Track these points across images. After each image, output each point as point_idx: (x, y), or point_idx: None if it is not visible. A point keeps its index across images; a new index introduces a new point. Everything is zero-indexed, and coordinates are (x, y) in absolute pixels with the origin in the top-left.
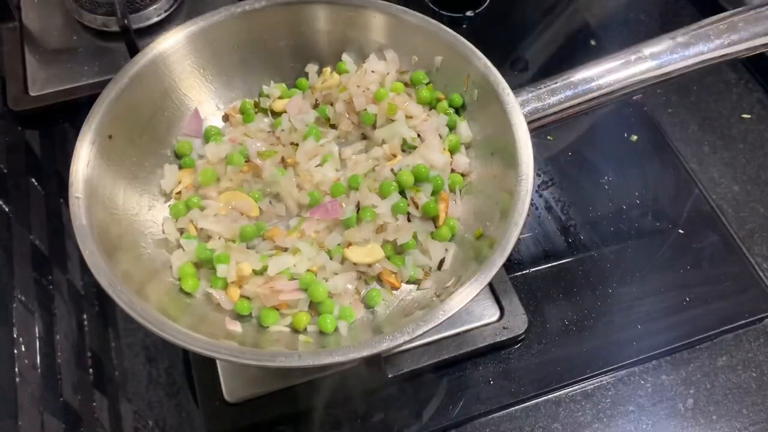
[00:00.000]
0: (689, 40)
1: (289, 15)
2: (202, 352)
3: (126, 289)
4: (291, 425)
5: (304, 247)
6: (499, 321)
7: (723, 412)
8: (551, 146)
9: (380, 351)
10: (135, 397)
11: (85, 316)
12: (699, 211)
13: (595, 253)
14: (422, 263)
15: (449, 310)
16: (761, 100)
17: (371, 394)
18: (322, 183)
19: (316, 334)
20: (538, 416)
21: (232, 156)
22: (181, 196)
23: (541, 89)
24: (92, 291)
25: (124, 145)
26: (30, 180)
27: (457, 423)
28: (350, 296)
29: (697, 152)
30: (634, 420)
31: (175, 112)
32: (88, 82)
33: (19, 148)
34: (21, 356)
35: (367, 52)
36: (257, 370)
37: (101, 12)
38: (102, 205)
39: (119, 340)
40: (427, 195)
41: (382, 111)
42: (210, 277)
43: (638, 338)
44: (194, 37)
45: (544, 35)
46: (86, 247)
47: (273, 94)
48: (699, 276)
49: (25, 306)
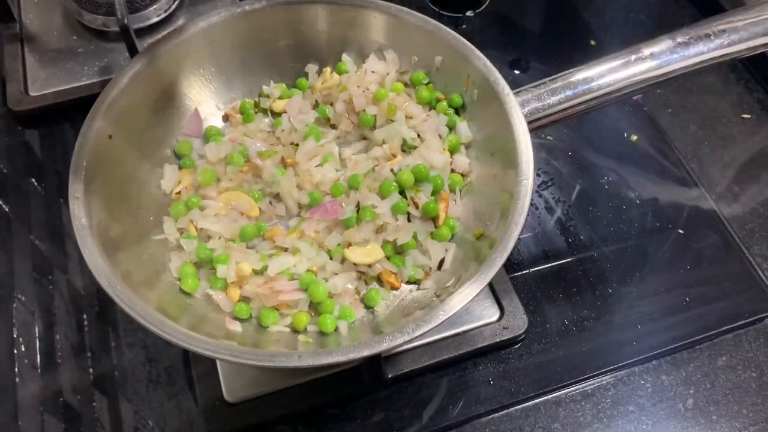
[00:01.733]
0: (689, 40)
1: (289, 15)
2: (202, 352)
3: (126, 289)
4: (291, 425)
5: (304, 247)
6: (499, 321)
7: (723, 412)
8: (551, 146)
9: (380, 351)
10: (135, 397)
11: (85, 316)
12: (699, 211)
13: (595, 253)
14: (422, 263)
15: (449, 310)
16: (761, 100)
17: (371, 394)
18: (322, 183)
19: (316, 334)
20: (538, 416)
21: (232, 156)
22: (181, 196)
23: (541, 89)
24: (92, 291)
25: (124, 145)
26: (30, 180)
27: (457, 423)
28: (350, 296)
29: (697, 152)
30: (634, 420)
31: (175, 112)
32: (88, 82)
33: (19, 148)
34: (21, 356)
35: (367, 52)
36: (257, 370)
37: (101, 12)
38: (102, 205)
39: (119, 340)
40: (427, 195)
41: (381, 111)
42: (210, 277)
43: (638, 338)
44: (194, 37)
45: (544, 35)
46: (86, 247)
47: (273, 94)
48: (699, 276)
49: (25, 306)
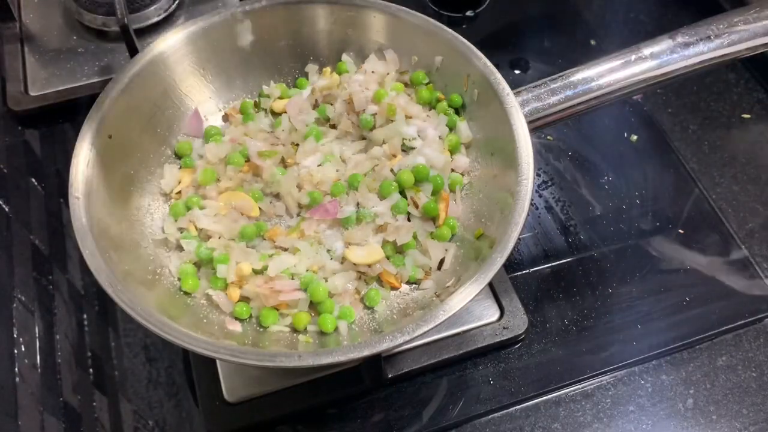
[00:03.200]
0: (689, 40)
1: (289, 15)
2: (202, 352)
3: (126, 289)
4: (291, 425)
5: (304, 247)
6: (499, 321)
7: (723, 412)
8: (551, 146)
9: (380, 351)
10: (135, 397)
11: (85, 316)
12: (699, 211)
13: (595, 253)
14: (422, 263)
15: (449, 310)
16: (761, 100)
17: (371, 394)
18: (322, 183)
19: (316, 334)
20: (538, 416)
21: (232, 156)
22: (181, 196)
23: (541, 89)
24: (92, 291)
25: (124, 145)
26: (30, 180)
27: (457, 423)
28: (350, 296)
29: (697, 152)
30: (634, 420)
31: (175, 112)
32: (88, 82)
33: (19, 148)
34: (21, 356)
35: (367, 52)
36: (257, 370)
37: (101, 12)
38: (102, 205)
39: (119, 340)
40: (427, 195)
41: (381, 111)
42: (210, 277)
43: (638, 338)
44: (194, 37)
45: (544, 35)
46: (86, 247)
47: (273, 94)
48: (699, 276)
49: (25, 306)
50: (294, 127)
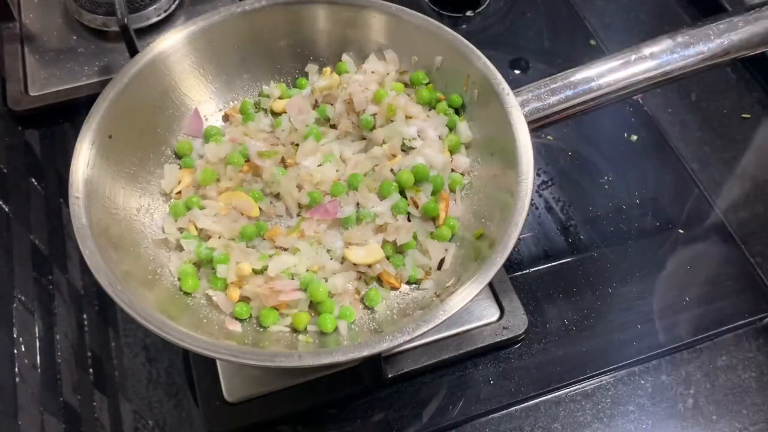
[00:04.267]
0: (689, 40)
1: (289, 15)
2: (202, 352)
3: (126, 289)
4: (291, 425)
5: (304, 247)
6: (499, 321)
7: (723, 412)
8: (551, 146)
9: (380, 351)
10: (135, 397)
11: (85, 316)
12: (699, 211)
13: (595, 253)
14: (422, 263)
15: (449, 310)
16: (761, 100)
17: (371, 394)
18: (322, 183)
19: (316, 334)
20: (538, 416)
21: (232, 156)
22: (181, 196)
23: (541, 89)
24: (92, 291)
25: (124, 145)
26: (30, 180)
27: (457, 423)
28: (350, 296)
29: (697, 152)
30: (634, 420)
31: (175, 112)
32: (88, 82)
33: (19, 148)
34: (21, 356)
35: (367, 52)
36: (257, 370)
37: (101, 12)
38: (102, 205)
39: (119, 340)
40: (427, 195)
41: (381, 111)
42: (210, 277)
43: (638, 338)
44: (194, 37)
45: (544, 35)
46: (86, 247)
47: (273, 94)
48: (699, 276)
49: (25, 306)
50: (294, 127)
